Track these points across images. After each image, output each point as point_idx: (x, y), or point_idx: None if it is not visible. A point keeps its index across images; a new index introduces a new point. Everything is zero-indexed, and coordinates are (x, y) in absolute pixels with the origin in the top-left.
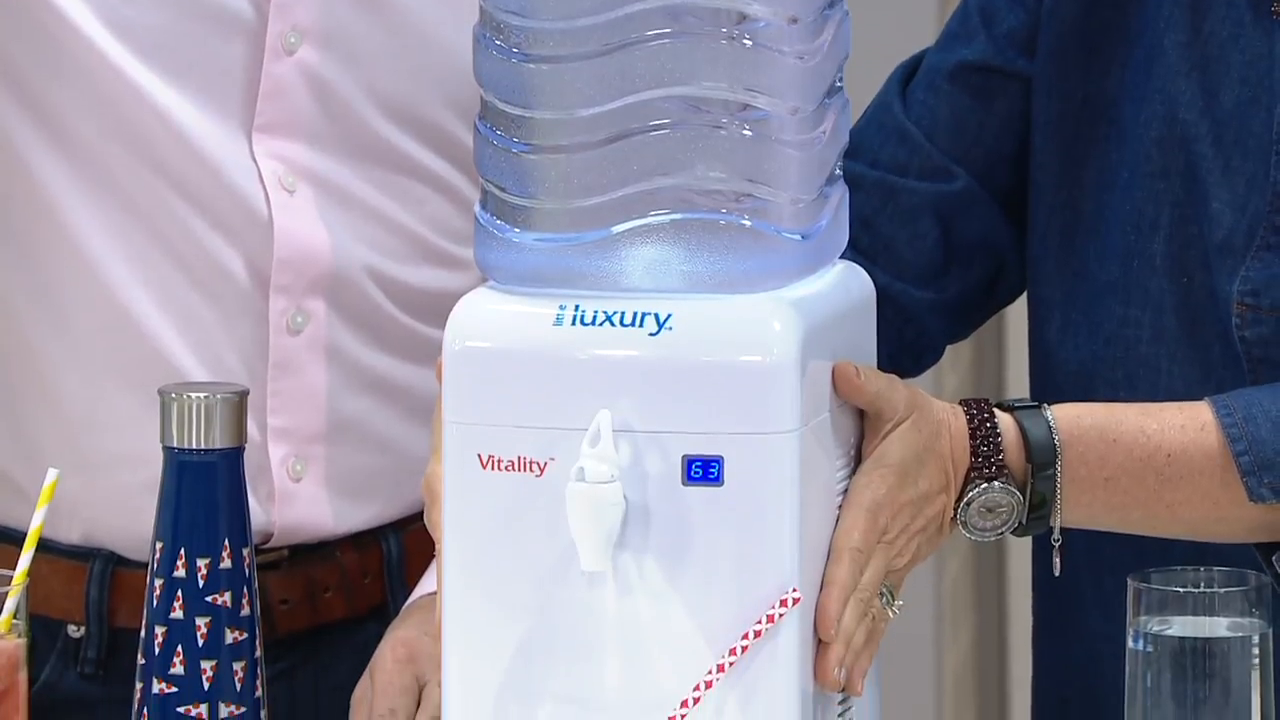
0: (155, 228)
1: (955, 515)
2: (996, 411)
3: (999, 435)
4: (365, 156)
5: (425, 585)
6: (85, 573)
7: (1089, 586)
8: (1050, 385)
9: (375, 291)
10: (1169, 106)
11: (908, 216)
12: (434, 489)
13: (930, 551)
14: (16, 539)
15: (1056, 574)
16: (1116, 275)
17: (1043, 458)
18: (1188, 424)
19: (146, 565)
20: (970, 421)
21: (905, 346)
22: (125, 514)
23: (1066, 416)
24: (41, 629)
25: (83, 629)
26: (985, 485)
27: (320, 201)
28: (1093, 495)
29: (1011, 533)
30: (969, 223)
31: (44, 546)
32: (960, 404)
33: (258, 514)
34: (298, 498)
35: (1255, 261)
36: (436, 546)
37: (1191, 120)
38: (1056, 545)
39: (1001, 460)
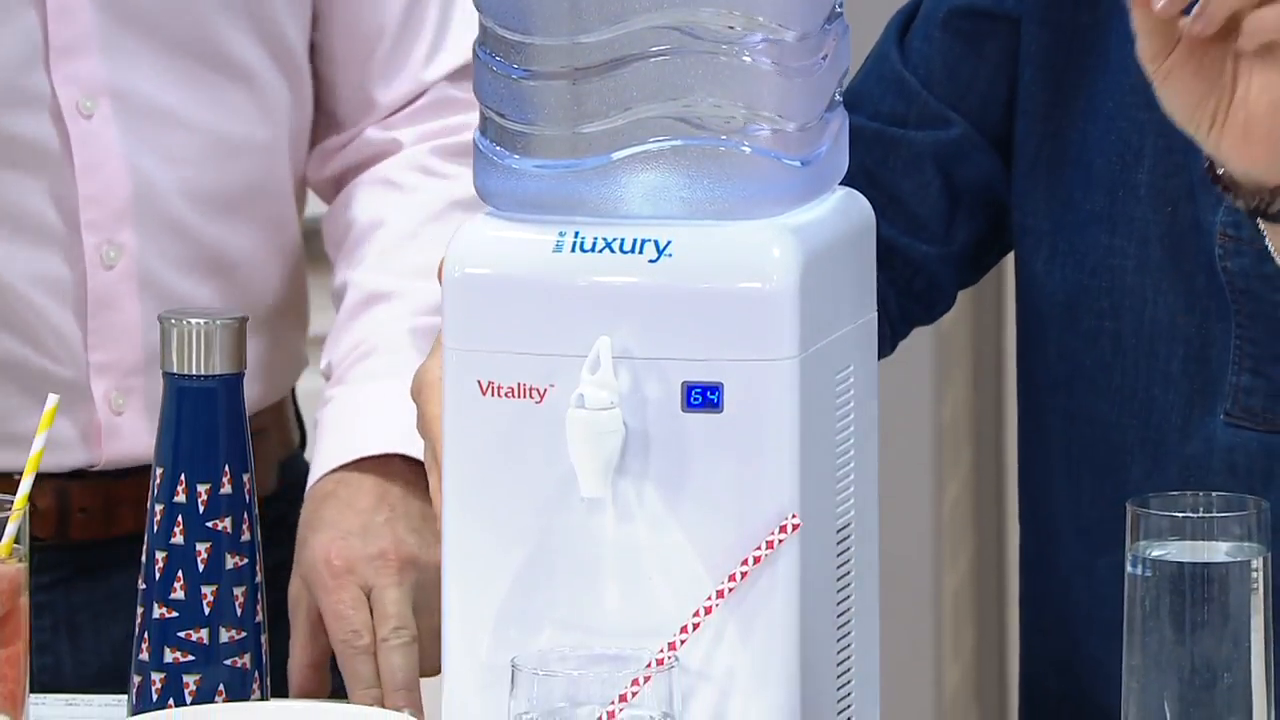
0: None
1: None
2: None
3: None
4: (169, 52)
5: (321, 463)
6: None
7: (1067, 519)
8: (1036, 315)
9: (183, 206)
10: None
11: (910, 167)
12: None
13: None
14: None
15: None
16: (1102, 205)
17: None
18: None
19: None
20: None
21: (915, 297)
22: None
23: None
24: None
25: None
26: None
27: (121, 119)
28: None
29: None
30: (969, 168)
31: None
32: None
33: (80, 449)
34: (121, 430)
35: None
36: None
37: None
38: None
39: None
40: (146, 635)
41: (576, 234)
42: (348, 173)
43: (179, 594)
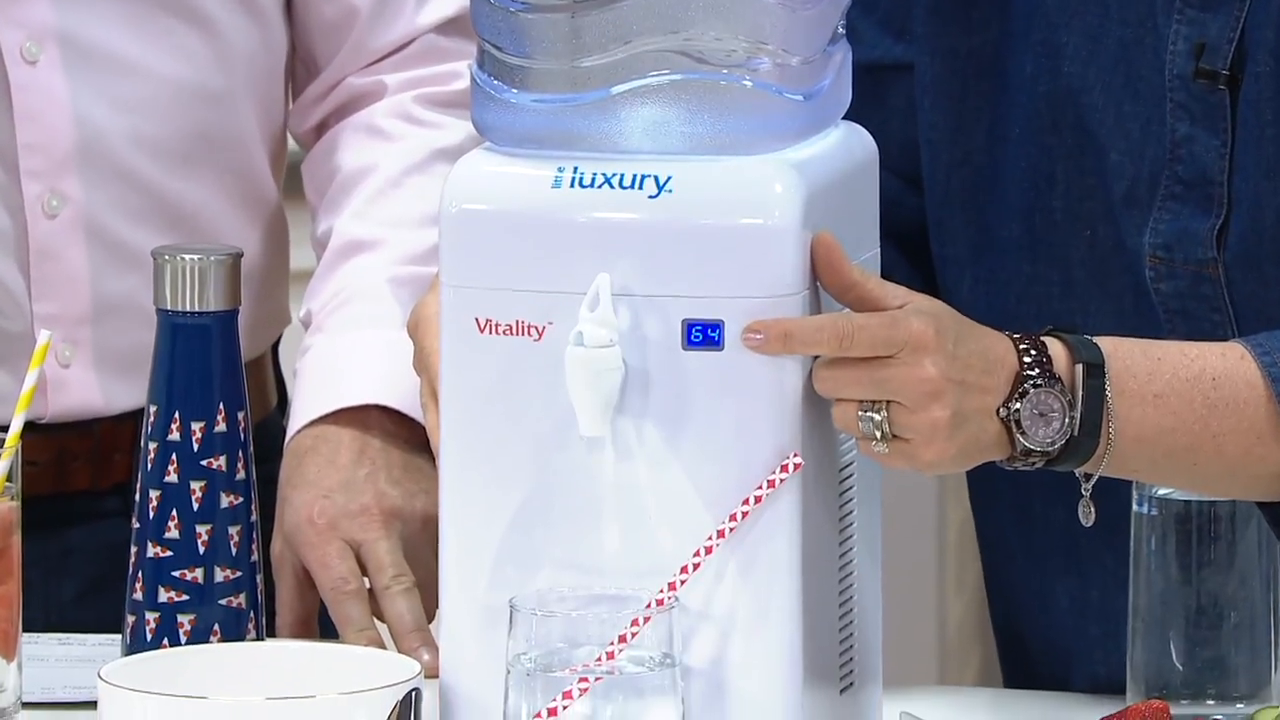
0: None
1: (1006, 416)
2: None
3: (1044, 344)
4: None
5: (299, 416)
6: None
7: (1019, 545)
8: None
9: (134, 154)
10: (1053, 60)
11: None
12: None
13: (958, 455)
14: None
15: (1088, 523)
16: (1020, 232)
17: (1092, 357)
18: (1227, 353)
19: None
20: (1011, 336)
21: None
22: None
23: (1101, 337)
24: None
25: None
26: (1039, 385)
27: (69, 65)
28: (1143, 411)
29: (1061, 452)
30: (900, 213)
31: None
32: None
33: None
34: (68, 383)
35: (1163, 213)
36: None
37: (1076, 72)
38: (1087, 483)
39: (1049, 364)
40: (140, 574)
41: (575, 169)
42: (330, 118)
43: (173, 533)
